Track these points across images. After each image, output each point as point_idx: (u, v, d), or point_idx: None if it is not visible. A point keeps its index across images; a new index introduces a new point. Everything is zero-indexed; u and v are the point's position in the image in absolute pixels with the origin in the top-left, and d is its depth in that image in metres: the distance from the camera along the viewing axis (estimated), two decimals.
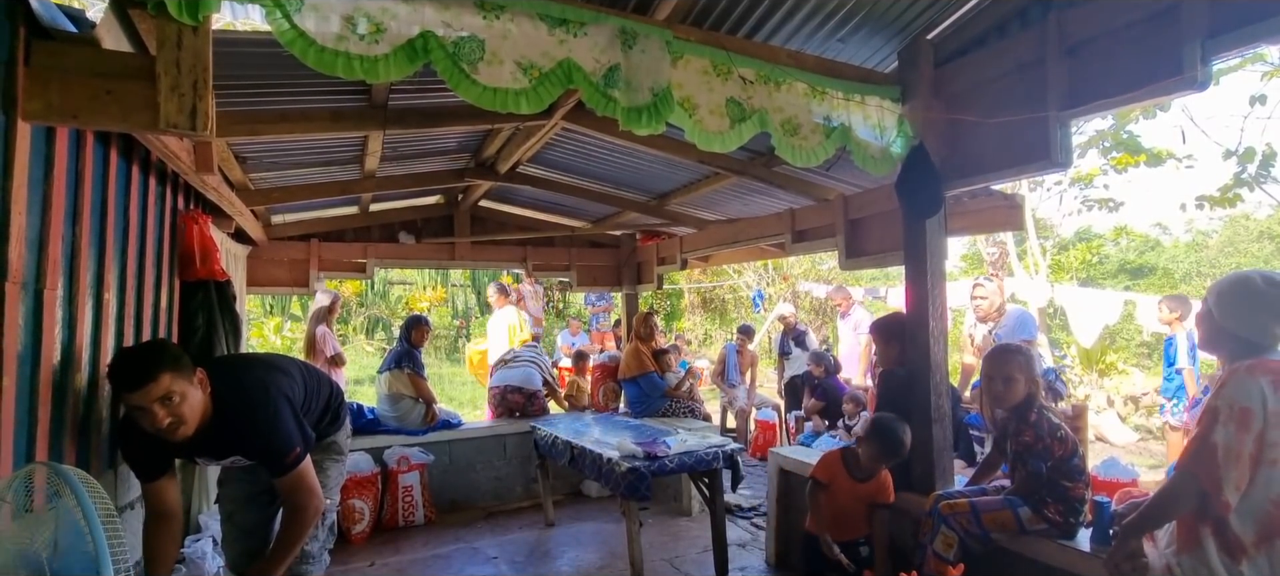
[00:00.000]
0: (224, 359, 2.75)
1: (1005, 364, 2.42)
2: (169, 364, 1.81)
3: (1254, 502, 1.65)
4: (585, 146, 3.81)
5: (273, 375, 2.19)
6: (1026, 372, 2.41)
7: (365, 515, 4.27)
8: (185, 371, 1.86)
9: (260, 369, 2.22)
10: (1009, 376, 2.40)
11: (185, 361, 1.89)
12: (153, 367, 1.77)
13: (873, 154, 2.66)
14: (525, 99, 1.99)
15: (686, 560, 3.88)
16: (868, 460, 2.79)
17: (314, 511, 2.10)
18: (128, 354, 1.93)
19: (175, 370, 1.82)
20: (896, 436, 2.74)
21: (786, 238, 4.08)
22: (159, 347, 1.98)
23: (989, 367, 2.49)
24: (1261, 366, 1.67)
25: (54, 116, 1.60)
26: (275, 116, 2.65)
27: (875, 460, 2.77)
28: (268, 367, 2.26)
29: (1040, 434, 2.34)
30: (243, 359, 2.43)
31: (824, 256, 12.89)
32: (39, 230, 1.71)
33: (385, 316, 14.05)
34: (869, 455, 2.77)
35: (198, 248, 2.92)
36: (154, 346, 2.03)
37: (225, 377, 2.06)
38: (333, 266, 5.09)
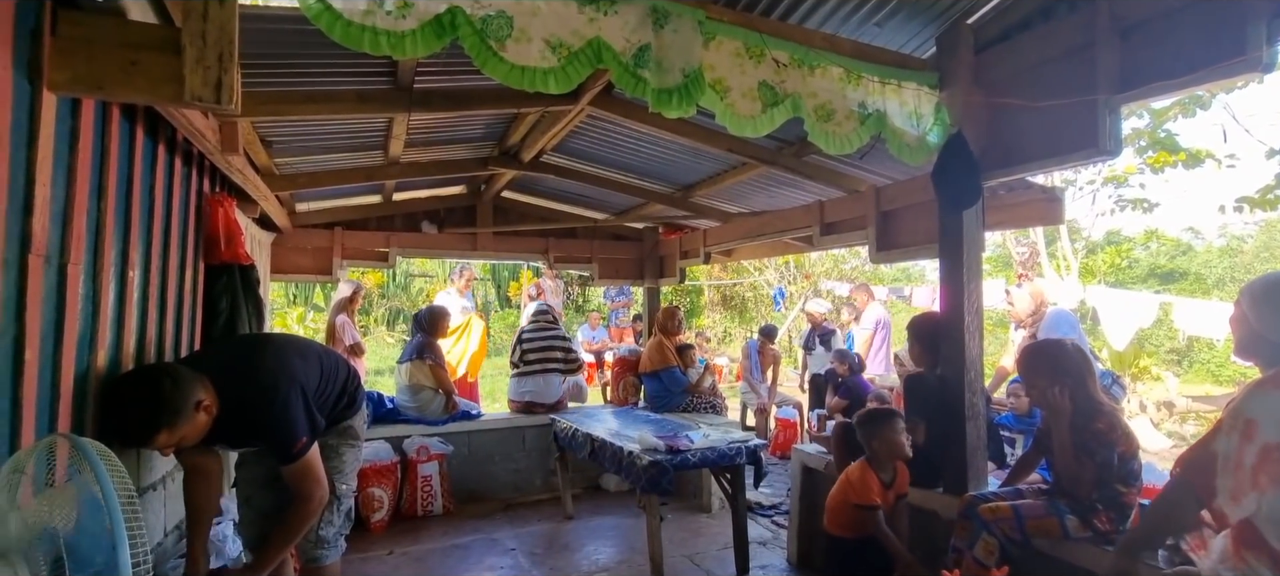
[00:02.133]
0: (242, 342, 2.71)
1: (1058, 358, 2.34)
2: (163, 422, 1.77)
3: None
4: (610, 134, 3.75)
5: (288, 360, 2.16)
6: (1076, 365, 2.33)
7: (384, 503, 4.27)
8: (183, 417, 1.81)
9: (275, 354, 2.19)
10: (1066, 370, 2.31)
11: (185, 401, 1.82)
12: (148, 433, 1.77)
13: (908, 142, 2.57)
14: (553, 78, 1.94)
15: (707, 557, 3.81)
16: (889, 452, 2.70)
17: (318, 502, 2.09)
18: (121, 413, 1.79)
19: (171, 426, 1.79)
20: (887, 413, 2.71)
21: (815, 230, 3.99)
22: (153, 406, 1.78)
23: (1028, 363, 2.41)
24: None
25: (80, 87, 1.57)
26: (301, 97, 2.63)
27: (893, 444, 2.68)
28: (284, 352, 2.23)
29: (1113, 422, 2.23)
30: (260, 342, 2.41)
31: (846, 255, 12.72)
32: (63, 203, 1.69)
33: (406, 308, 14.15)
34: (885, 445, 2.69)
35: (222, 231, 2.91)
36: (148, 406, 1.79)
37: (240, 364, 2.05)
38: (356, 255, 5.09)
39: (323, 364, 2.32)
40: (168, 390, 1.80)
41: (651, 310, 6.15)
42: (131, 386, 1.85)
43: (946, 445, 2.75)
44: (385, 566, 3.68)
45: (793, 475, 3.77)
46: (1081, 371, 2.33)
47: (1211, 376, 12.92)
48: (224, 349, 2.45)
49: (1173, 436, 7.42)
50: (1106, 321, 7.25)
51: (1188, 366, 13.26)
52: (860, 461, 2.77)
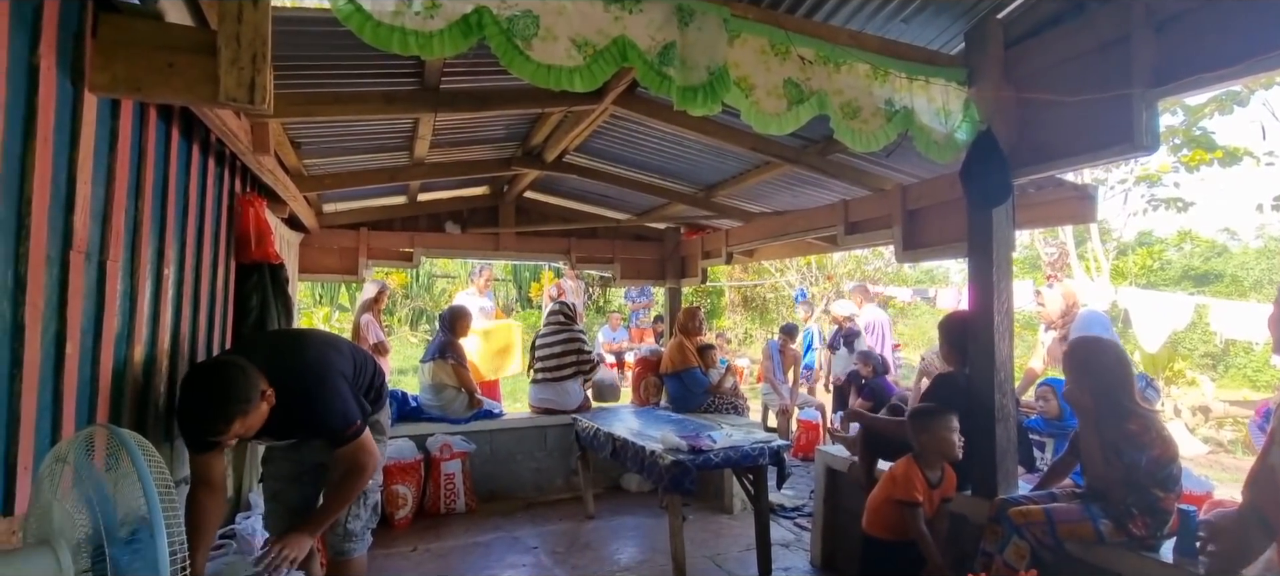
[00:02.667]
0: (281, 336, 2.75)
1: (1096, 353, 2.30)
2: (238, 411, 1.85)
3: None
4: (633, 134, 3.76)
5: (327, 353, 2.23)
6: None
7: (408, 501, 4.31)
8: (253, 405, 1.89)
9: (315, 348, 2.26)
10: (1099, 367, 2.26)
11: (253, 390, 1.88)
12: (222, 424, 1.84)
13: (936, 139, 2.53)
14: (579, 77, 1.94)
15: (728, 558, 3.79)
16: (936, 451, 2.60)
17: (370, 471, 2.21)
18: (199, 401, 1.85)
19: (244, 414, 1.86)
20: (942, 411, 2.59)
21: (839, 229, 3.95)
22: (230, 395, 1.84)
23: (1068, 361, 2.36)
24: None
25: (119, 89, 1.62)
26: (330, 98, 2.67)
27: (944, 441, 2.59)
28: (323, 346, 2.30)
29: (1147, 424, 2.16)
30: (298, 336, 2.46)
31: (869, 256, 12.59)
32: (103, 202, 1.74)
33: (428, 308, 14.31)
34: (935, 442, 2.59)
35: (253, 230, 2.97)
36: (227, 395, 1.85)
37: (283, 361, 2.10)
38: (381, 255, 5.16)
39: (355, 358, 2.38)
40: (239, 381, 1.88)
41: (673, 310, 6.14)
42: (207, 378, 1.90)
43: (974, 447, 2.70)
44: (409, 562, 3.72)
45: (816, 477, 3.73)
46: (1112, 371, 2.27)
47: (1248, 381, 12.53)
48: (265, 342, 2.50)
49: (1209, 442, 7.21)
50: (1139, 323, 7.07)
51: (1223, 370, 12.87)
52: (907, 457, 2.69)
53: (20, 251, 1.37)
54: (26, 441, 1.40)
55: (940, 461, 2.64)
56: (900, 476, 2.65)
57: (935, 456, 2.62)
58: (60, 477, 1.20)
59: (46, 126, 1.43)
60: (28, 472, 1.40)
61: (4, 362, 1.34)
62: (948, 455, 2.61)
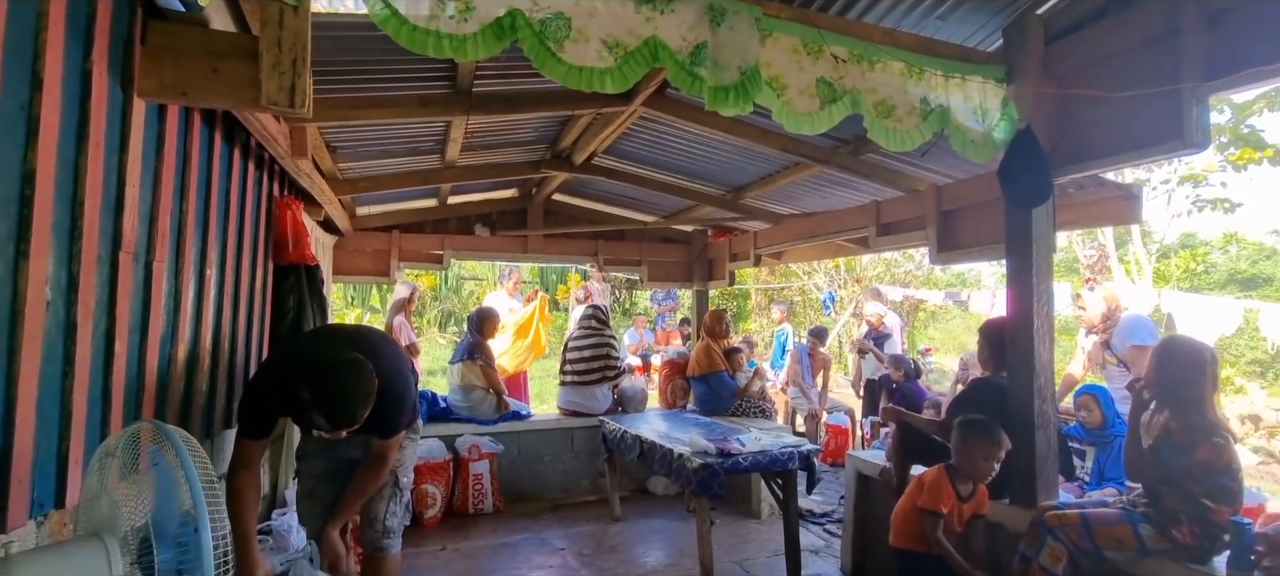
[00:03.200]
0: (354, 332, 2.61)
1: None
2: (369, 403, 1.95)
3: None
4: (662, 136, 3.75)
5: (396, 351, 2.35)
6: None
7: (437, 500, 4.36)
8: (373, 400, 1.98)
9: (388, 345, 2.34)
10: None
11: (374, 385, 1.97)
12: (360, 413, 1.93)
13: (973, 138, 2.47)
14: (610, 78, 1.94)
15: (756, 564, 3.75)
16: (975, 468, 2.51)
17: (389, 466, 2.33)
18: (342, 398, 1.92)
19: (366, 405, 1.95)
20: (994, 428, 2.48)
21: (871, 231, 3.88)
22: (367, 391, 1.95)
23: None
24: None
25: (166, 94, 1.66)
26: (366, 102, 2.72)
27: (985, 461, 2.49)
28: (386, 342, 2.39)
29: (1190, 425, 2.08)
30: (369, 333, 2.51)
31: (899, 259, 12.38)
32: (150, 204, 1.79)
33: (457, 310, 14.48)
34: (975, 460, 2.50)
35: (291, 232, 3.04)
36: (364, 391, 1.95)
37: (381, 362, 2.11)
38: (412, 256, 5.24)
39: (405, 360, 2.44)
40: (369, 377, 1.97)
41: (699, 313, 6.11)
42: (353, 376, 1.95)
43: (1013, 454, 2.62)
44: (438, 561, 3.76)
45: (847, 482, 3.67)
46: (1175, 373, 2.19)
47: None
48: (330, 338, 2.49)
49: (1259, 452, 6.92)
50: (1183, 328, 6.82)
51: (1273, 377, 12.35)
52: (940, 466, 2.62)
53: (73, 251, 1.42)
54: (78, 436, 1.45)
55: (975, 476, 2.55)
56: (929, 483, 2.57)
57: (968, 475, 2.54)
58: (109, 471, 1.23)
59: (98, 131, 1.48)
60: (79, 466, 1.45)
61: (57, 360, 1.39)
62: (979, 477, 2.53)
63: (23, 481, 1.27)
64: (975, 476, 2.52)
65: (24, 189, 1.25)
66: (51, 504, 1.39)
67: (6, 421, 1.23)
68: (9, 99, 1.19)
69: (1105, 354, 3.62)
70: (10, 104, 1.19)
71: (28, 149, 1.25)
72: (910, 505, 2.63)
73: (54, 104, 1.32)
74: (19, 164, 1.24)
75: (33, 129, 1.26)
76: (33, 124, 1.26)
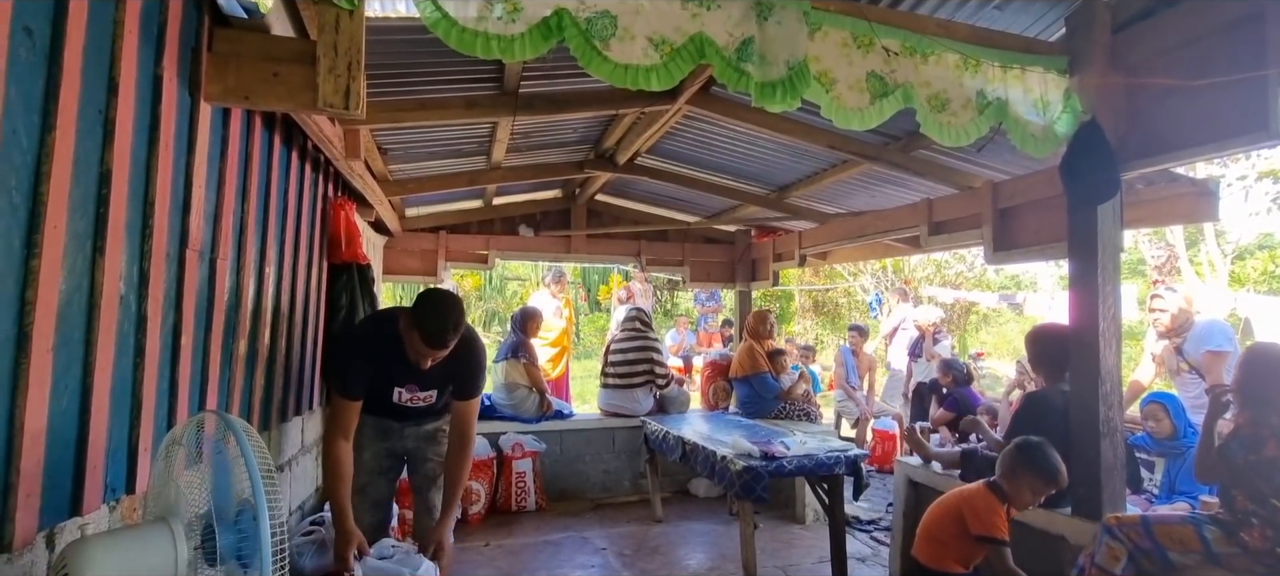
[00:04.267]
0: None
1: None
2: (459, 326, 2.21)
3: None
4: (706, 134, 3.72)
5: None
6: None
7: (481, 497, 4.43)
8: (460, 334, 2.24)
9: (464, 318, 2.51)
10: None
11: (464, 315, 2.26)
12: (452, 334, 2.19)
13: (1033, 132, 2.37)
14: (656, 75, 1.93)
15: (801, 570, 3.68)
16: (1021, 498, 2.35)
17: (473, 438, 2.53)
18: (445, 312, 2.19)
19: (458, 332, 2.22)
20: (1054, 463, 2.32)
21: (922, 230, 3.76)
22: (460, 314, 2.22)
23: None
24: None
25: (231, 98, 1.73)
26: (415, 104, 2.78)
27: (1035, 494, 2.35)
28: None
29: (1261, 421, 1.99)
30: None
31: (950, 260, 12.01)
32: (215, 204, 1.86)
33: (500, 310, 14.72)
34: (1023, 491, 2.34)
35: (344, 232, 3.13)
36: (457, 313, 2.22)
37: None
38: (458, 256, 5.34)
39: None
40: (461, 305, 2.27)
41: (742, 314, 6.04)
42: (444, 297, 2.28)
43: (1077, 464, 2.50)
44: (481, 557, 3.81)
45: (896, 489, 3.57)
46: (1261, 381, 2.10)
47: None
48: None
49: None
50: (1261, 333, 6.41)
51: None
52: (985, 486, 2.48)
53: (145, 249, 1.48)
54: (147, 425, 1.52)
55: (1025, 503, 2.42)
56: (982, 509, 2.37)
57: (1014, 498, 2.37)
58: (175, 459, 1.28)
59: (168, 134, 1.55)
60: (148, 454, 1.51)
61: (129, 352, 1.46)
62: (1019, 506, 2.39)
63: (97, 467, 1.34)
64: (1017, 505, 2.38)
65: (101, 188, 1.31)
66: (123, 489, 1.46)
67: (83, 410, 1.30)
68: (88, 103, 1.25)
69: (1178, 360, 3.41)
70: (89, 107, 1.26)
71: (105, 150, 1.32)
72: (957, 528, 2.42)
73: (128, 108, 1.38)
74: (97, 164, 1.30)
75: (109, 132, 1.32)
76: (109, 127, 1.32)
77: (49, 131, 1.14)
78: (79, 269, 1.26)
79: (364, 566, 2.19)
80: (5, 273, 1.06)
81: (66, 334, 1.23)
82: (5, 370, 1.08)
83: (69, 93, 1.18)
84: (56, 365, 1.20)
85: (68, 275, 1.21)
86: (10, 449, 1.09)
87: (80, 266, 1.26)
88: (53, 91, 1.14)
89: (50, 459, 1.19)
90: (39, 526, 1.18)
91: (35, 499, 1.15)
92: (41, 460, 1.17)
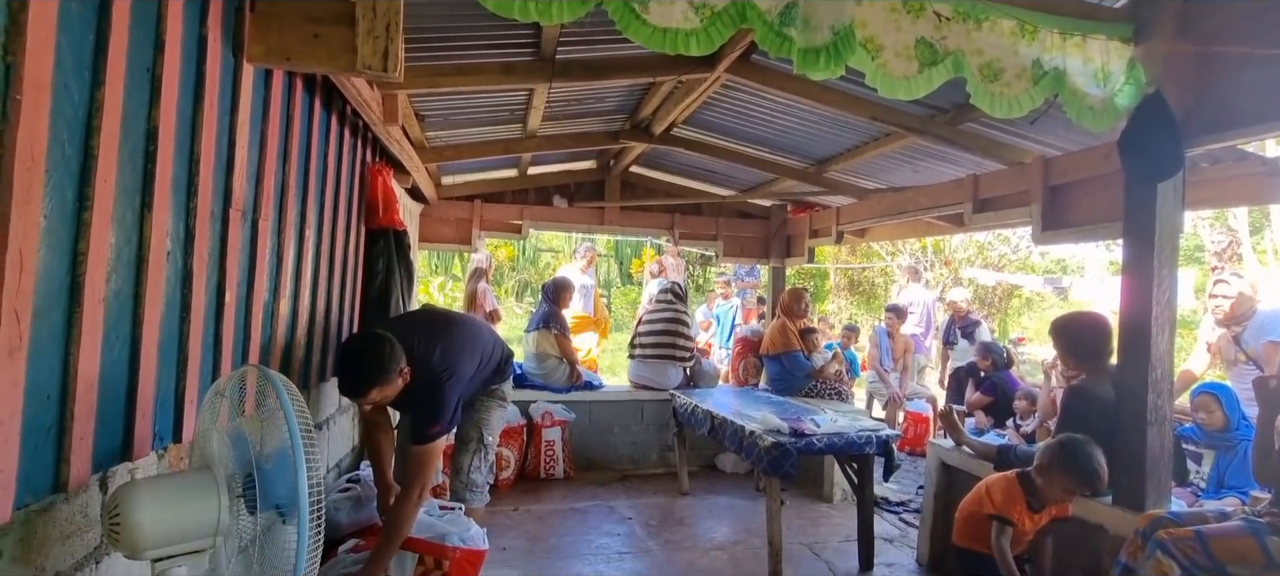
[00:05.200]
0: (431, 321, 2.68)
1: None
2: (377, 381, 2.06)
3: None
4: (745, 104, 3.64)
5: (459, 357, 2.37)
6: None
7: (511, 463, 4.51)
8: (391, 380, 2.09)
9: (452, 347, 2.38)
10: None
11: (395, 367, 2.09)
12: (362, 389, 2.07)
13: (1091, 105, 2.25)
14: (696, 40, 1.88)
15: (827, 547, 3.67)
16: (1051, 494, 2.38)
17: (422, 491, 2.21)
18: (348, 365, 2.10)
19: (381, 385, 2.07)
20: (1093, 466, 2.30)
21: (966, 207, 3.63)
22: (375, 366, 2.05)
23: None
24: None
25: (273, 59, 1.75)
26: (452, 70, 2.78)
27: (1065, 493, 2.37)
28: (460, 347, 2.42)
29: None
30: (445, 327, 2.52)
31: (993, 240, 11.63)
32: (257, 165, 1.90)
33: (533, 281, 14.86)
34: (1054, 488, 2.36)
35: (381, 198, 3.17)
36: (373, 365, 2.06)
37: (426, 343, 2.29)
38: (493, 226, 5.38)
39: (492, 349, 2.57)
40: (386, 355, 2.08)
41: (775, 290, 5.97)
42: (361, 347, 2.13)
43: (1122, 452, 2.42)
44: (511, 520, 3.89)
45: (928, 471, 3.51)
46: None
47: None
48: (414, 324, 2.59)
49: None
50: None
51: None
52: (1016, 474, 2.46)
53: (190, 206, 1.52)
54: (193, 378, 1.57)
55: (1056, 499, 2.38)
56: (998, 491, 2.45)
57: (1047, 497, 2.38)
58: (219, 411, 1.32)
59: (212, 94, 1.57)
60: (193, 405, 1.57)
61: (176, 307, 1.50)
62: (1049, 503, 2.39)
63: (146, 415, 1.39)
64: (1047, 501, 2.38)
65: (148, 145, 1.34)
66: (170, 438, 1.51)
67: (133, 360, 1.34)
68: (136, 60, 1.27)
69: (1236, 350, 3.25)
70: (137, 64, 1.28)
71: (152, 107, 1.34)
72: (977, 508, 2.52)
73: (174, 66, 1.40)
74: (144, 120, 1.33)
75: (156, 89, 1.35)
76: (156, 84, 1.35)
77: (99, 86, 1.16)
78: (128, 223, 1.29)
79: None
80: (59, 223, 1.09)
81: (117, 286, 1.27)
82: (59, 318, 1.12)
83: (117, 49, 1.20)
84: (108, 316, 1.24)
85: (118, 228, 1.25)
86: (65, 393, 1.14)
87: (129, 221, 1.29)
88: (102, 47, 1.16)
89: (102, 405, 1.24)
90: (92, 469, 1.23)
91: (88, 443, 1.20)
92: (94, 406, 1.21)
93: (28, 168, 0.99)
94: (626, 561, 3.42)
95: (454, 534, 2.34)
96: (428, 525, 2.34)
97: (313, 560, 1.20)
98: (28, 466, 1.05)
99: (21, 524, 1.05)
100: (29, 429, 1.04)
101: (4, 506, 0.99)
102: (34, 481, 1.08)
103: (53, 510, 1.12)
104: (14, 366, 0.99)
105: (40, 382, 1.07)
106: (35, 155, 1.00)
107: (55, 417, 1.12)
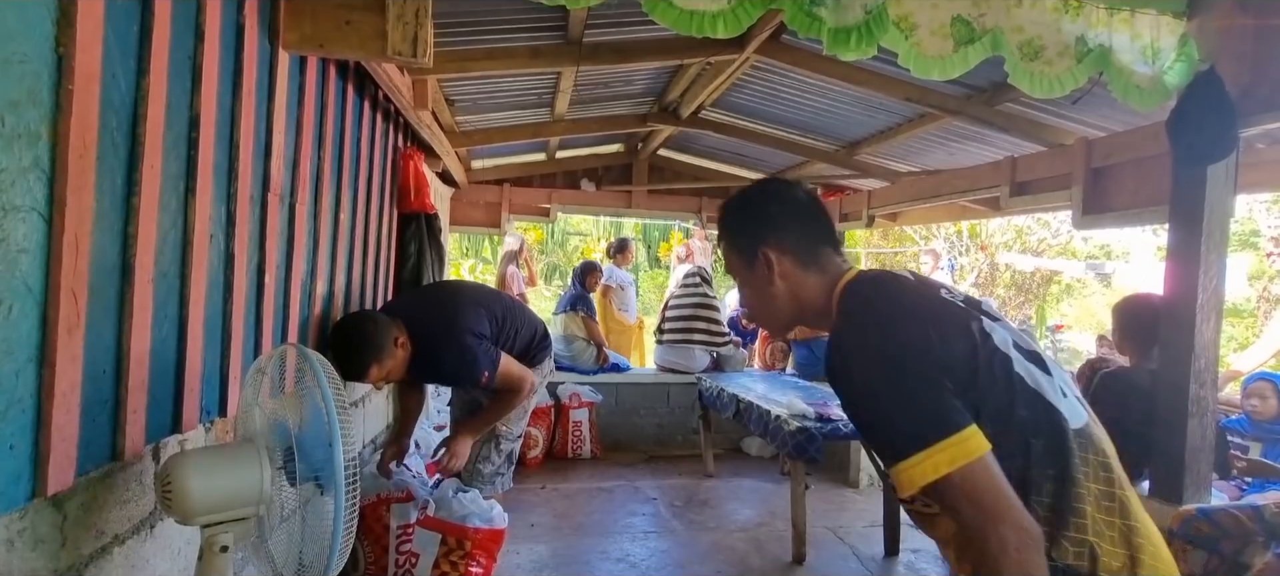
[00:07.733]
0: (428, 295, 2.82)
1: None
2: (372, 358, 2.11)
3: None
4: (774, 86, 3.60)
5: (464, 314, 2.37)
6: None
7: (539, 442, 4.60)
8: (387, 353, 2.15)
9: (455, 307, 2.41)
10: None
11: (387, 339, 2.15)
12: (359, 370, 2.10)
13: (1138, 83, 2.16)
14: (723, 22, 1.86)
15: (851, 532, 3.66)
16: None
17: (522, 392, 2.45)
18: (340, 350, 2.09)
19: (378, 360, 2.12)
20: None
21: (1003, 190, 3.53)
22: (363, 344, 2.11)
23: None
24: None
25: (307, 46, 1.78)
26: (481, 54, 2.80)
27: None
28: (465, 306, 2.43)
29: None
30: (445, 297, 2.59)
31: (1033, 225, 11.30)
32: (293, 150, 1.95)
33: (561, 264, 14.97)
34: None
35: (413, 182, 3.22)
36: (360, 344, 2.11)
37: (423, 317, 2.32)
38: (521, 209, 5.44)
39: (502, 315, 2.52)
40: (371, 331, 2.14)
41: None
42: (346, 330, 2.18)
43: (1159, 443, 2.35)
44: (538, 498, 3.97)
45: None
46: None
47: None
48: (414, 298, 2.77)
49: None
50: None
51: None
52: None
53: (231, 191, 1.57)
54: (236, 355, 1.63)
55: None
56: None
57: None
58: (261, 387, 1.37)
59: (250, 81, 1.62)
60: (237, 381, 1.63)
61: (219, 287, 1.56)
62: None
63: (194, 390, 1.45)
64: None
65: (191, 132, 1.39)
66: (216, 411, 1.58)
67: (180, 338, 1.40)
68: (178, 49, 1.31)
69: None
70: (179, 54, 1.32)
71: (193, 95, 1.39)
72: None
73: (213, 54, 1.44)
74: (187, 108, 1.37)
75: (197, 77, 1.39)
76: (196, 73, 1.39)
77: (143, 75, 1.21)
78: (174, 207, 1.34)
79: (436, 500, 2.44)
80: (111, 208, 1.14)
81: (164, 267, 1.32)
82: (113, 297, 1.17)
83: (160, 39, 1.24)
84: (156, 295, 1.29)
85: (164, 212, 1.30)
86: (119, 369, 1.20)
87: (174, 205, 1.34)
88: (146, 37, 1.21)
89: (153, 380, 1.30)
90: (145, 440, 1.30)
91: (141, 415, 1.27)
92: (145, 381, 1.27)
93: (80, 155, 1.03)
94: (652, 539, 3.47)
95: (475, 514, 2.42)
96: (449, 507, 2.43)
97: (349, 530, 1.25)
98: (87, 436, 1.11)
99: (83, 489, 1.11)
100: (87, 402, 1.10)
101: (68, 473, 1.06)
102: (94, 450, 1.14)
103: (111, 477, 1.19)
104: (73, 343, 1.05)
105: (96, 358, 1.13)
106: (87, 143, 1.05)
107: (111, 391, 1.19)
